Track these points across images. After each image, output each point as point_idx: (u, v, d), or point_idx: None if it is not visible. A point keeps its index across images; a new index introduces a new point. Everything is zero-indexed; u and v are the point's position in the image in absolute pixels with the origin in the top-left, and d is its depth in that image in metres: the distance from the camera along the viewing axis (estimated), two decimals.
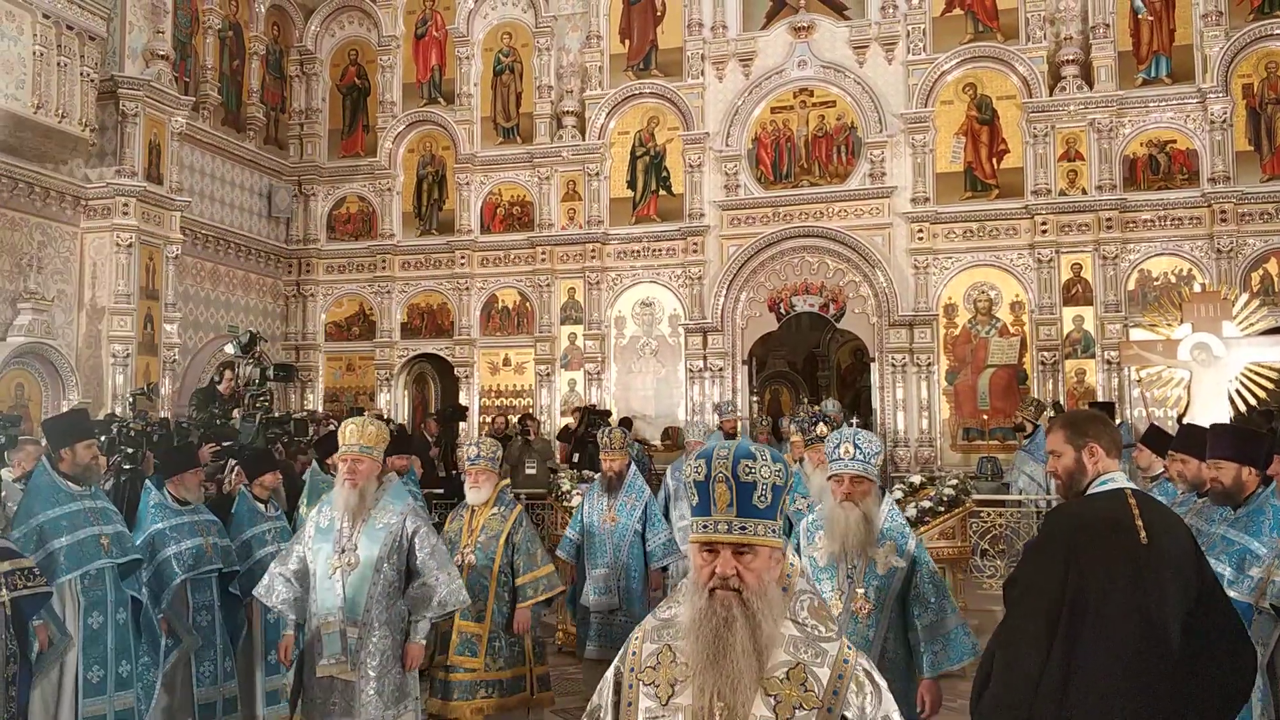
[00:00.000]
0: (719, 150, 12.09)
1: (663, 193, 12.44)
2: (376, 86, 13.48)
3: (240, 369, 8.29)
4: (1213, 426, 4.07)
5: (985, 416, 11.33)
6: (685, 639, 1.76)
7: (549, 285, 12.67)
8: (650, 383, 12.38)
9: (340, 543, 4.01)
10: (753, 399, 11.97)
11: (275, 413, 8.41)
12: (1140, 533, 2.65)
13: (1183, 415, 8.00)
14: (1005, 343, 11.33)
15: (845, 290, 11.78)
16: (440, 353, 13.21)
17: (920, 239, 11.47)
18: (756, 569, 1.75)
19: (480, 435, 12.31)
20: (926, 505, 6.81)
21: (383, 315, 13.33)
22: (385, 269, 13.29)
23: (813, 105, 11.95)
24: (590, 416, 10.81)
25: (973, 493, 7.92)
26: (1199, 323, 8.08)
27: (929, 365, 11.42)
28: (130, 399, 9.01)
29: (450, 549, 4.70)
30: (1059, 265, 11.13)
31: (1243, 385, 7.87)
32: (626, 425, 11.40)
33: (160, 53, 10.65)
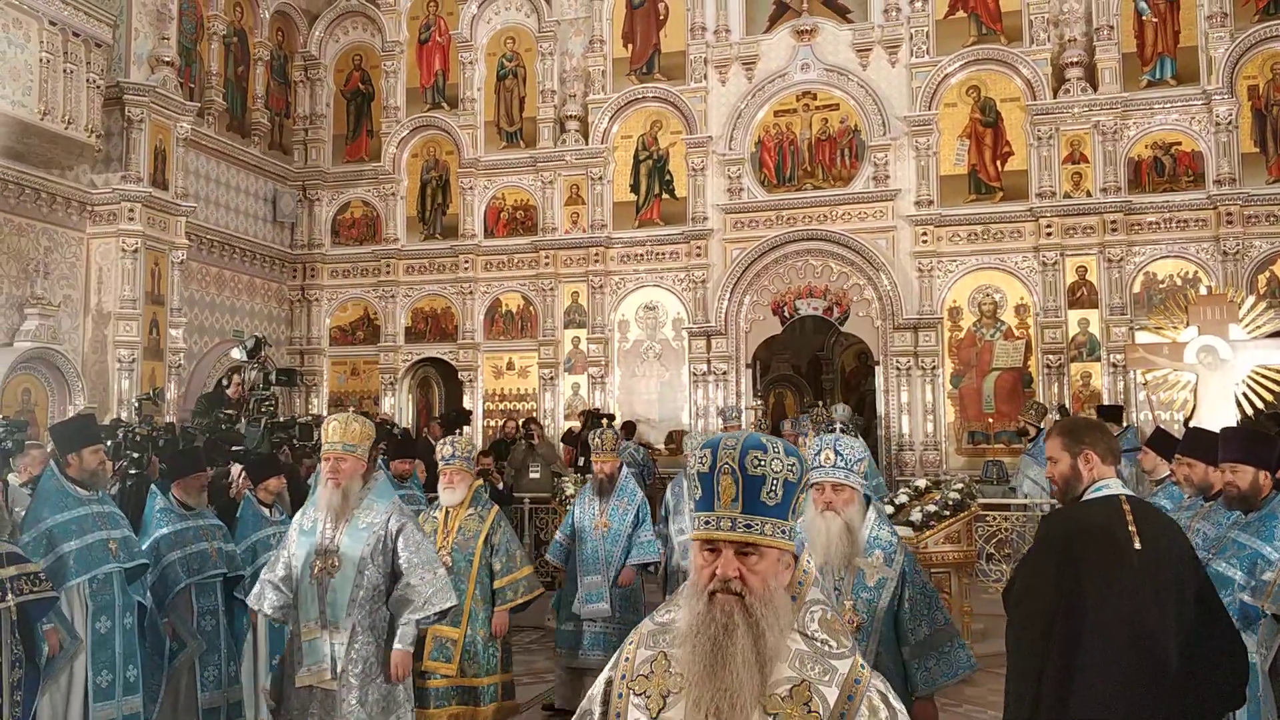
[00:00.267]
0: (722, 154, 12.09)
1: (666, 196, 12.45)
2: (380, 92, 13.52)
3: (245, 374, 8.32)
4: (1225, 430, 4.05)
5: (990, 420, 11.30)
6: (682, 646, 1.60)
7: (552, 289, 12.68)
8: (654, 386, 12.38)
9: (322, 544, 3.83)
10: (757, 402, 11.94)
11: (280, 417, 8.42)
12: (1134, 538, 2.71)
13: (1189, 418, 7.98)
14: (1010, 346, 11.30)
15: (849, 293, 11.77)
16: (444, 357, 13.22)
17: (924, 242, 11.46)
18: (762, 572, 1.58)
19: (486, 439, 12.33)
20: (931, 510, 6.79)
21: (387, 319, 13.36)
22: (389, 273, 13.31)
23: (816, 108, 11.95)
24: (594, 420, 10.81)
25: (978, 497, 7.90)
26: (1205, 325, 8.06)
27: (933, 369, 11.40)
28: (136, 404, 9.02)
29: None
30: (1064, 268, 11.11)
31: (1250, 388, 7.85)
32: (630, 429, 11.43)
33: (165, 59, 10.69)
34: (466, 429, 12.44)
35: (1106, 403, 10.37)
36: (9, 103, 8.83)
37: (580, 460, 10.45)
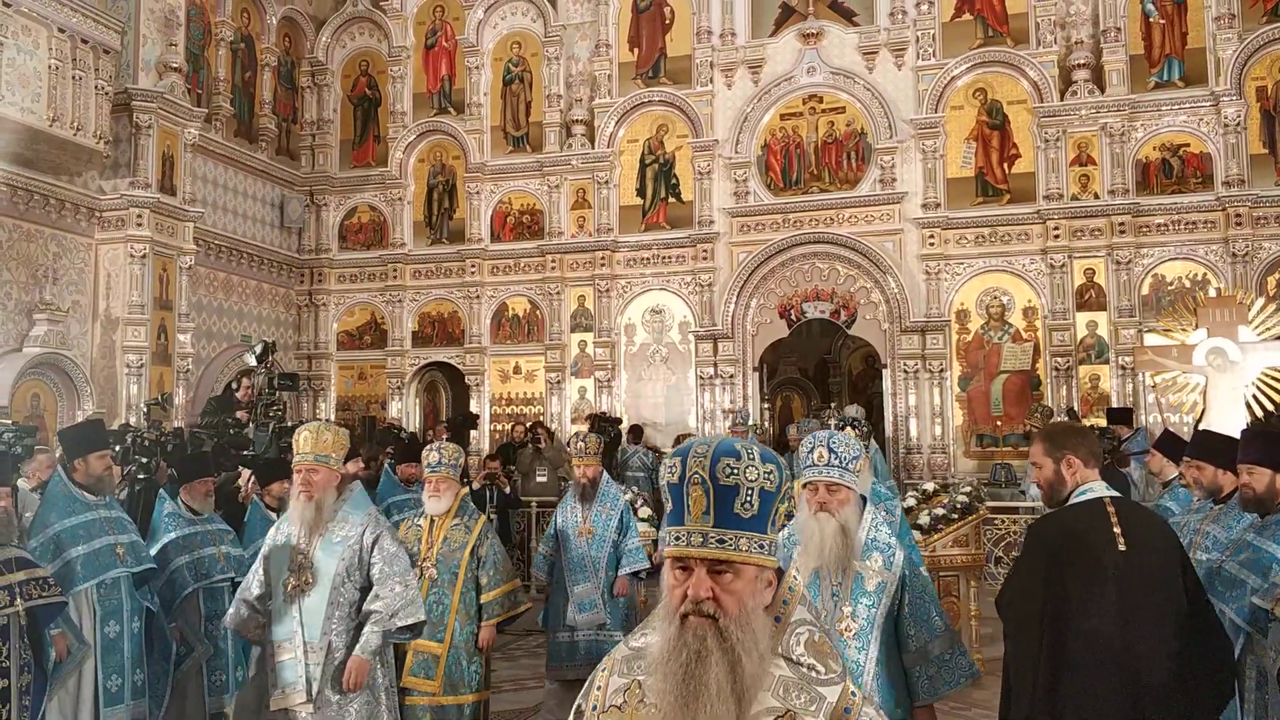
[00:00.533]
0: (728, 157, 12.09)
1: (672, 200, 12.45)
2: (387, 97, 13.56)
3: (254, 378, 8.35)
4: (1246, 431, 4.03)
5: (999, 423, 11.26)
6: (654, 674, 1.46)
7: (559, 293, 12.69)
8: (661, 390, 12.38)
9: (295, 560, 3.66)
10: (764, 405, 11.93)
11: (288, 422, 8.44)
12: (1118, 540, 2.74)
13: (1199, 421, 7.92)
14: (1018, 348, 11.27)
15: (856, 296, 11.75)
16: (451, 361, 13.24)
17: (931, 244, 11.43)
18: (738, 592, 1.44)
19: (493, 443, 12.34)
20: (940, 513, 6.76)
21: (394, 324, 13.38)
22: (396, 278, 13.34)
23: (822, 111, 11.95)
24: (601, 424, 10.82)
25: (986, 500, 7.87)
26: (1214, 327, 8.01)
27: (941, 371, 11.37)
28: (144, 409, 9.06)
29: None
30: (1072, 270, 11.07)
31: (1259, 390, 7.79)
32: (637, 433, 11.42)
33: (173, 65, 10.74)
34: (473, 433, 12.48)
35: (1115, 405, 10.33)
36: (18, 109, 8.88)
37: None
